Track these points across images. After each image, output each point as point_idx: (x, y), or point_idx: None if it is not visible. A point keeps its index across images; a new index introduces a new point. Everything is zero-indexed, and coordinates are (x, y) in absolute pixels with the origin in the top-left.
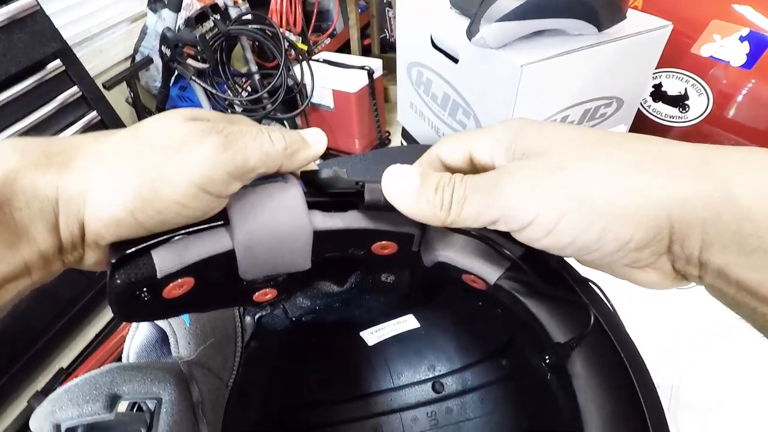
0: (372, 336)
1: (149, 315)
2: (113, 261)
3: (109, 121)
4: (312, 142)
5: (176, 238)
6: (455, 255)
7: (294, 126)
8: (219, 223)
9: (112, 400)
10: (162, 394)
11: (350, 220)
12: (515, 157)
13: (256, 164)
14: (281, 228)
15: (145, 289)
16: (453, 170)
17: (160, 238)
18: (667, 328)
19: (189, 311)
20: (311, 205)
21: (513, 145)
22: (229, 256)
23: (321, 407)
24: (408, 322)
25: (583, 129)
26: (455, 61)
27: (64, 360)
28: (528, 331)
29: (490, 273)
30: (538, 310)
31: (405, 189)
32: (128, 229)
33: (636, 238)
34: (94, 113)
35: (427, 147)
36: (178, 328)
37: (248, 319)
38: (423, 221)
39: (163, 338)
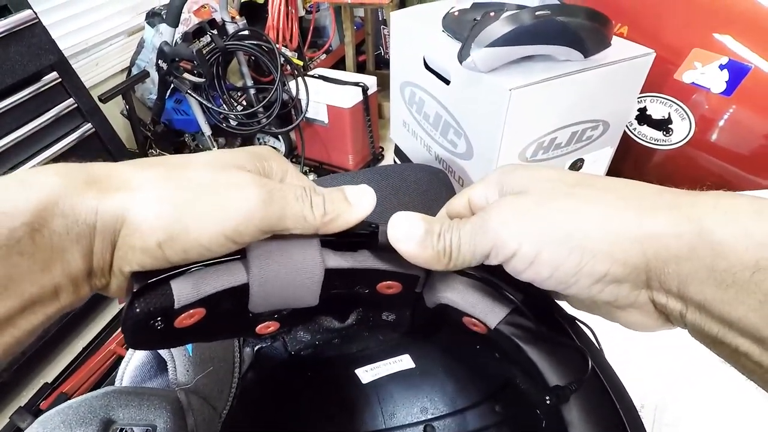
0: (367, 374)
1: (159, 344)
2: (135, 290)
3: (104, 133)
4: (355, 203)
5: (193, 269)
6: (457, 298)
7: (288, 140)
8: (236, 257)
9: (106, 425)
10: (157, 422)
11: (360, 259)
12: (505, 196)
13: (291, 227)
14: (296, 265)
15: (159, 319)
16: None
17: (180, 270)
18: (651, 345)
19: (195, 341)
20: (324, 244)
21: (503, 185)
22: (243, 290)
23: None
24: (403, 362)
25: (565, 171)
26: (447, 82)
27: (50, 375)
28: (525, 377)
29: (491, 317)
30: (536, 357)
31: (410, 236)
32: (154, 260)
33: (612, 272)
34: (88, 125)
35: (420, 166)
36: (178, 355)
37: (247, 349)
38: (427, 267)
39: (159, 363)
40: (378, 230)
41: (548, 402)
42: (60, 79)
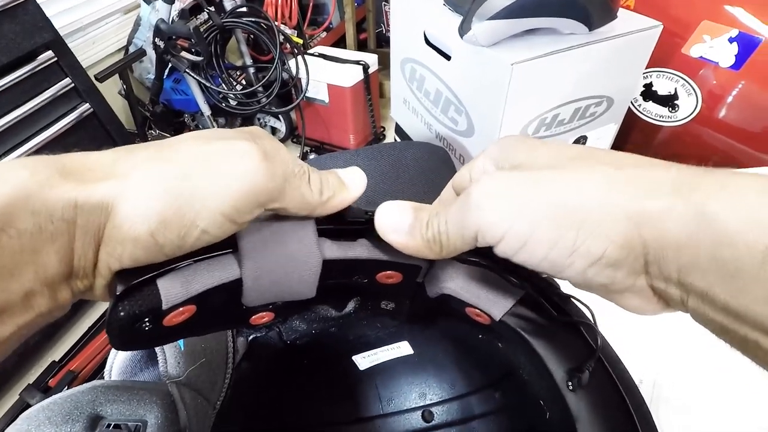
0: (364, 360)
1: (148, 343)
2: (117, 294)
3: (102, 113)
4: (350, 184)
5: (182, 265)
6: (460, 288)
7: (289, 120)
8: (228, 251)
9: (94, 421)
10: (147, 417)
11: (359, 249)
12: (498, 170)
13: (289, 205)
14: (292, 258)
15: (147, 320)
16: None
17: (167, 268)
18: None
19: (186, 336)
20: (320, 233)
21: (498, 159)
22: (236, 285)
23: (309, 431)
24: (402, 349)
25: (566, 145)
26: (448, 58)
27: (57, 353)
28: (529, 368)
29: (495, 309)
30: (542, 349)
31: (397, 226)
32: (146, 252)
33: (608, 254)
34: (86, 105)
35: (420, 144)
36: (169, 348)
37: (241, 339)
38: (419, 256)
39: (148, 354)
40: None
41: (570, 388)
42: (56, 58)
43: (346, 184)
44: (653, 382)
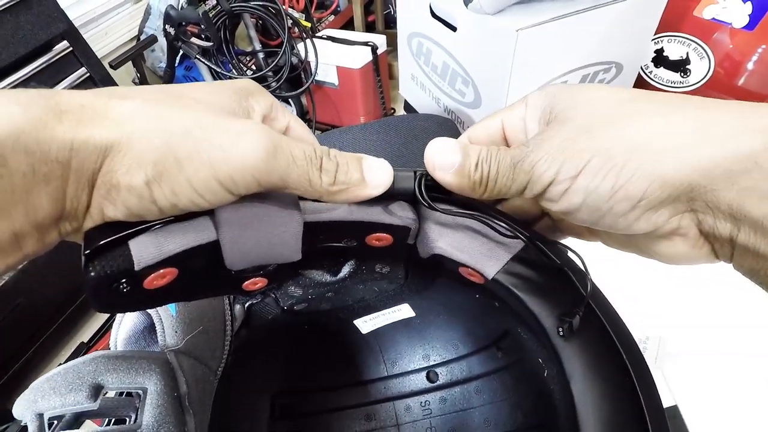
0: (366, 324)
1: (130, 306)
2: (86, 252)
3: None
4: (370, 180)
5: (156, 226)
6: (452, 248)
7: (299, 104)
8: (204, 213)
9: (96, 390)
10: (147, 385)
11: (344, 211)
12: (546, 123)
13: (292, 187)
14: (270, 220)
15: (123, 281)
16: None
17: (139, 227)
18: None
19: (174, 301)
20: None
21: (547, 112)
22: (214, 246)
23: (313, 395)
24: (403, 311)
25: (617, 88)
26: (453, 29)
27: (85, 334)
28: (525, 326)
29: (488, 267)
30: (535, 306)
31: (447, 163)
32: (139, 201)
33: (648, 194)
34: None
35: (427, 116)
36: (165, 317)
37: (238, 307)
38: (464, 194)
39: (151, 326)
40: None
41: (561, 334)
42: (71, 48)
43: (367, 181)
44: (659, 338)
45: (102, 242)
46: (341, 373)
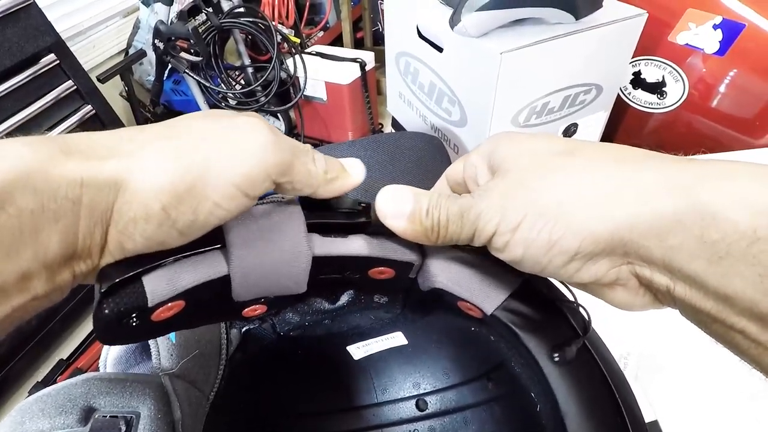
0: (359, 350)
1: (135, 338)
2: (102, 290)
3: (104, 114)
4: (351, 171)
5: (168, 262)
6: (452, 282)
7: (288, 119)
8: (215, 246)
9: (87, 413)
10: (141, 409)
11: (351, 246)
12: (492, 172)
13: (296, 178)
14: (280, 255)
15: (134, 316)
16: (455, 189)
17: (152, 264)
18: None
19: (177, 330)
20: (311, 228)
21: (490, 158)
22: (224, 280)
23: (303, 420)
24: (396, 339)
25: (553, 140)
26: (440, 50)
27: (65, 351)
28: (520, 360)
29: (487, 303)
30: (532, 344)
31: (398, 211)
32: (159, 228)
33: (583, 248)
34: (88, 107)
35: (414, 133)
36: (162, 340)
37: (234, 331)
38: (415, 241)
39: (143, 347)
40: (369, 209)
41: (556, 359)
42: (58, 61)
43: (348, 171)
44: (639, 355)
45: (118, 279)
46: (332, 399)
